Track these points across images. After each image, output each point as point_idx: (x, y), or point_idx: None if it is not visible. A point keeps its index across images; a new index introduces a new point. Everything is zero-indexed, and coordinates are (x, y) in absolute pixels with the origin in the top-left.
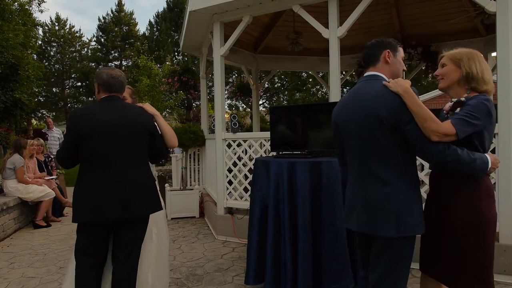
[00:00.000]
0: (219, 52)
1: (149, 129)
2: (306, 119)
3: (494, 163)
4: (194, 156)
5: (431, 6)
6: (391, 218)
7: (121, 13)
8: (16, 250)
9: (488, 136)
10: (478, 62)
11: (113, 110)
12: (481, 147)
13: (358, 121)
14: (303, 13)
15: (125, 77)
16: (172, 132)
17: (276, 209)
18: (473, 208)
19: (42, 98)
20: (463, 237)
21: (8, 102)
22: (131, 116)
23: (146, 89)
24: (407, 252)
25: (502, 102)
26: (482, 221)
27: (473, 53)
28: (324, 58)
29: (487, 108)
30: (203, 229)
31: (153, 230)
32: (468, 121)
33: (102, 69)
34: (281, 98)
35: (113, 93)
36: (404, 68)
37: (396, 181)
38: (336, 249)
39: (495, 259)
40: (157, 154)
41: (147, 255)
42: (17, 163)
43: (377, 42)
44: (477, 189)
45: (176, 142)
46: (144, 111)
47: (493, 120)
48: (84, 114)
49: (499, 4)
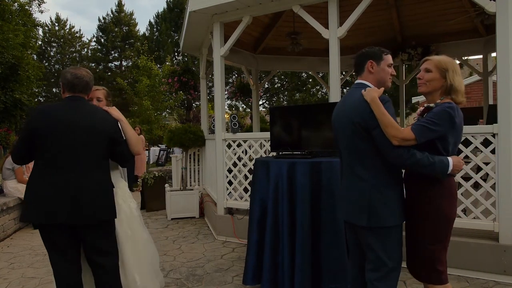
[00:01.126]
0: (219, 52)
1: (109, 133)
2: (306, 119)
3: (457, 165)
4: (194, 157)
5: (431, 6)
6: (364, 210)
7: (121, 13)
8: (16, 250)
9: (453, 140)
10: (458, 75)
11: (73, 111)
12: (445, 150)
13: (344, 125)
14: (303, 14)
15: (91, 77)
16: (136, 139)
17: (275, 209)
18: (434, 206)
19: (42, 99)
20: (425, 233)
21: (8, 102)
22: (91, 119)
23: (146, 89)
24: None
25: (502, 102)
26: (441, 219)
27: (455, 64)
28: (324, 58)
29: (449, 115)
30: (203, 229)
31: (128, 232)
32: (428, 127)
33: (67, 69)
34: (281, 99)
35: (77, 94)
36: (392, 73)
37: (371, 179)
38: (336, 249)
39: (495, 259)
40: (121, 159)
41: (126, 257)
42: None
43: (361, 53)
44: (438, 189)
45: (140, 150)
46: (107, 115)
47: (458, 125)
48: (42, 112)
49: (499, 4)
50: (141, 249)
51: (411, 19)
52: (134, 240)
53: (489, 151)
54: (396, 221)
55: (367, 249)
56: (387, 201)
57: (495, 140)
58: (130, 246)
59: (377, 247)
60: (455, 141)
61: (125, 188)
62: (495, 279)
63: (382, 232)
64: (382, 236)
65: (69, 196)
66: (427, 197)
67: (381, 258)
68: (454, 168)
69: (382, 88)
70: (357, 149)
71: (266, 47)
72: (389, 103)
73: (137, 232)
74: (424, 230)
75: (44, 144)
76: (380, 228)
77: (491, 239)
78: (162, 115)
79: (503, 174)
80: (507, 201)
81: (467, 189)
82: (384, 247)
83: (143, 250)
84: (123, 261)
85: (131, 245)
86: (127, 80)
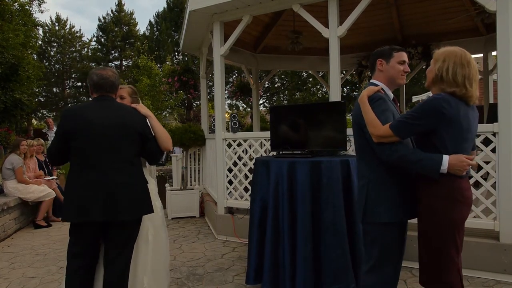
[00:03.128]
0: (219, 52)
1: (139, 130)
2: (306, 118)
3: (456, 164)
4: (195, 156)
5: (431, 5)
6: (361, 206)
7: (121, 13)
8: (16, 250)
9: (449, 135)
10: (454, 63)
11: (102, 110)
12: (442, 147)
13: (352, 124)
14: (303, 13)
15: (117, 77)
16: (166, 135)
17: (275, 208)
18: (426, 207)
19: (42, 98)
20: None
21: (8, 102)
22: (120, 117)
23: (146, 89)
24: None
25: (503, 101)
26: (436, 222)
27: (453, 53)
28: (324, 57)
29: (433, 107)
30: (204, 228)
31: (149, 232)
32: (407, 122)
33: (94, 70)
34: (281, 98)
35: (104, 94)
36: (405, 70)
37: (369, 174)
38: (337, 249)
39: (495, 258)
40: (150, 156)
41: (142, 257)
42: (16, 163)
43: (373, 53)
44: (435, 188)
45: (170, 145)
46: (136, 112)
47: (452, 118)
48: (73, 113)
49: (499, 3)
50: (161, 250)
51: (411, 18)
52: (155, 241)
53: (490, 150)
54: (391, 218)
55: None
56: (382, 197)
57: (495, 139)
58: (148, 246)
59: (368, 241)
60: (455, 137)
61: (152, 186)
62: (495, 278)
63: (376, 228)
64: (376, 232)
65: (104, 193)
66: (420, 196)
67: (370, 253)
68: (452, 167)
69: (376, 87)
70: (359, 146)
71: (266, 46)
72: (380, 101)
73: (159, 233)
74: (419, 232)
75: (77, 145)
76: (373, 224)
77: (491, 238)
78: (163, 115)
79: (503, 173)
80: (507, 200)
81: None
82: (376, 242)
83: (159, 251)
84: (136, 260)
85: (150, 245)
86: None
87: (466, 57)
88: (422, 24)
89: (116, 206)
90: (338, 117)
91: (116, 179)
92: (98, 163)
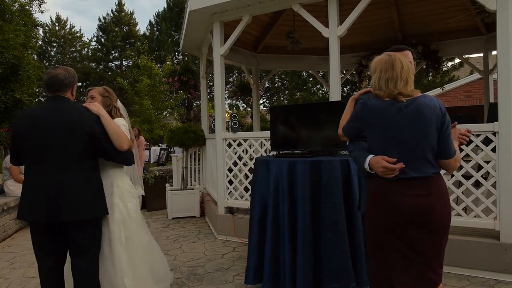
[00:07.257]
0: (219, 52)
1: (87, 129)
2: (307, 118)
3: (373, 165)
4: (195, 156)
5: (431, 4)
6: None
7: (121, 13)
8: (17, 250)
9: (370, 137)
10: (380, 71)
11: (51, 110)
12: (370, 148)
13: None
14: (303, 12)
15: (69, 75)
16: (118, 134)
17: (276, 208)
18: (360, 202)
19: (42, 98)
20: None
21: (8, 102)
22: (68, 115)
23: (146, 89)
24: None
25: (503, 100)
26: (364, 214)
27: (379, 62)
28: (324, 57)
29: (354, 112)
30: (204, 228)
31: (122, 233)
32: (347, 124)
33: (46, 71)
34: (282, 98)
35: (56, 93)
36: None
37: None
38: (337, 249)
39: (496, 258)
40: (104, 155)
41: (118, 259)
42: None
43: None
44: (371, 186)
45: (123, 144)
46: (85, 110)
47: (369, 122)
48: (23, 115)
49: (499, 2)
50: (138, 252)
51: (411, 17)
52: (129, 242)
53: (490, 149)
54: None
55: None
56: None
57: (495, 138)
58: (123, 247)
59: None
60: (377, 138)
61: (126, 187)
62: (496, 277)
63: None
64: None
65: (45, 195)
66: None
67: None
68: (372, 167)
69: (366, 89)
70: None
71: (266, 46)
72: (360, 102)
73: (134, 234)
74: None
75: (26, 145)
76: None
77: (492, 237)
78: (163, 115)
79: (503, 172)
80: (507, 199)
81: (467, 187)
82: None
83: (140, 254)
84: (113, 262)
85: (125, 246)
86: (127, 79)
87: (390, 60)
88: (422, 24)
89: (58, 207)
90: (338, 116)
91: (61, 179)
92: (44, 162)
